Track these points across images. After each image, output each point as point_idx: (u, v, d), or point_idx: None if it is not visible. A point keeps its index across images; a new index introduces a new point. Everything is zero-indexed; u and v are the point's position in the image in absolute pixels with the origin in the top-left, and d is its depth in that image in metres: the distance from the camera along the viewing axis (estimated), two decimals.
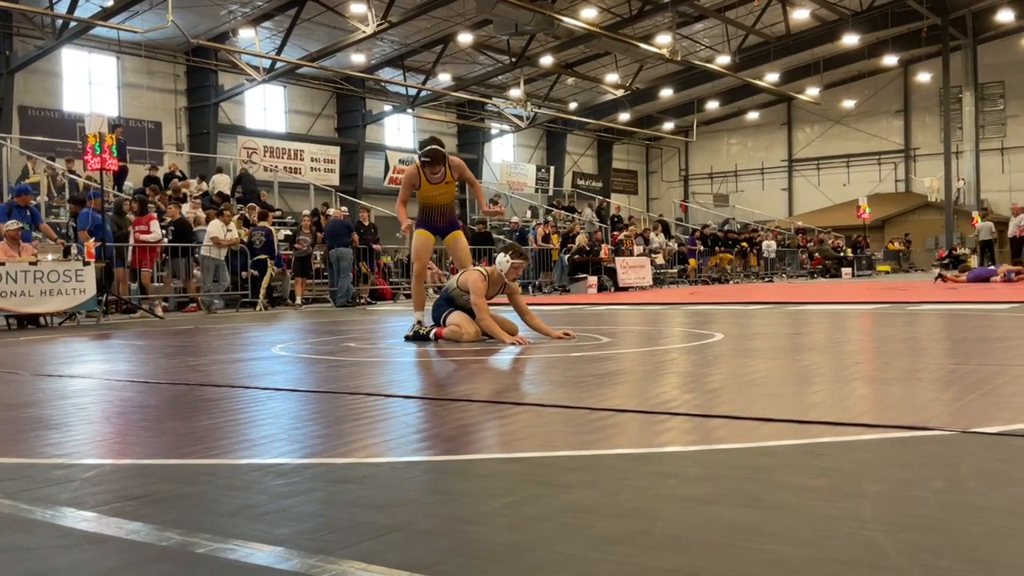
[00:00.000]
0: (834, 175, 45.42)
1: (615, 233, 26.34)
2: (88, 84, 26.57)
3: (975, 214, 34.47)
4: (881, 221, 40.85)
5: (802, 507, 2.22)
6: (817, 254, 34.17)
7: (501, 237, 25.81)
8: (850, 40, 33.84)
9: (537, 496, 2.42)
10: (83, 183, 17.68)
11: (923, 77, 41.07)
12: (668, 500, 2.36)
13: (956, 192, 39.51)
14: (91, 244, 12.80)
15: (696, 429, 3.35)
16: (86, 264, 11.94)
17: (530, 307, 7.87)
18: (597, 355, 6.21)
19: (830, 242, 35.54)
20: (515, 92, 35.40)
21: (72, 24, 23.50)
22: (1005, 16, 33.20)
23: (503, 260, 7.55)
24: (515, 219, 26.29)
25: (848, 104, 42.60)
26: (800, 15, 32.80)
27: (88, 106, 24.79)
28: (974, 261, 27.77)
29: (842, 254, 34.56)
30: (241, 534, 2.08)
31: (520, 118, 37.72)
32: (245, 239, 16.83)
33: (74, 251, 12.50)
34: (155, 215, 15.52)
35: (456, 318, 7.52)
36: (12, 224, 12.01)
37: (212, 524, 2.17)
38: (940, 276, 20.22)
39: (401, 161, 35.06)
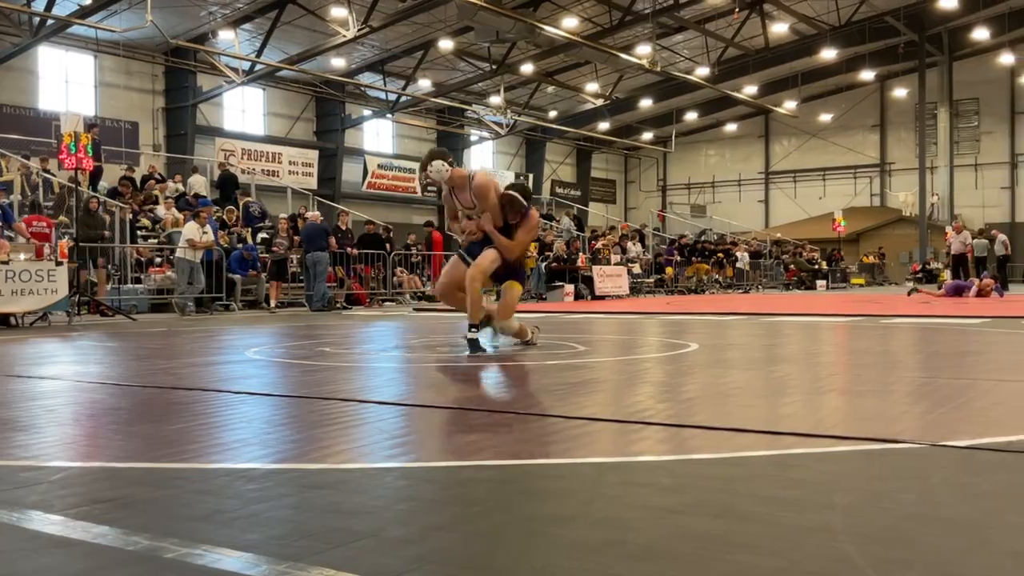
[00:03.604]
0: (810, 188, 45.78)
1: (592, 241, 26.39)
2: (65, 83, 26.35)
3: (948, 229, 34.82)
4: (856, 234, 41.22)
5: (773, 518, 2.23)
6: (792, 266, 34.39)
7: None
8: (828, 55, 34.18)
9: (509, 504, 2.42)
10: (58, 183, 17.52)
11: (899, 92, 41.51)
12: (641, 510, 2.36)
13: (930, 207, 39.93)
14: (64, 244, 12.69)
15: (670, 439, 3.36)
16: (59, 264, 11.82)
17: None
18: (572, 363, 6.21)
19: (805, 254, 35.80)
20: (495, 99, 35.45)
21: (49, 22, 23.30)
22: (980, 34, 33.64)
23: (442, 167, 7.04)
24: None
25: (825, 118, 42.98)
26: (779, 29, 33.08)
27: (64, 105, 24.58)
28: (947, 276, 28.00)
29: (817, 266, 34.81)
30: (210, 539, 2.06)
31: (500, 125, 37.76)
32: (223, 243, 16.73)
33: (47, 251, 12.37)
34: (42, 216, 14.90)
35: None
36: None
37: (181, 529, 2.15)
38: (914, 289, 20.39)
39: (380, 166, 35.02)
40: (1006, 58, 36.30)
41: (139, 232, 17.45)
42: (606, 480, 2.72)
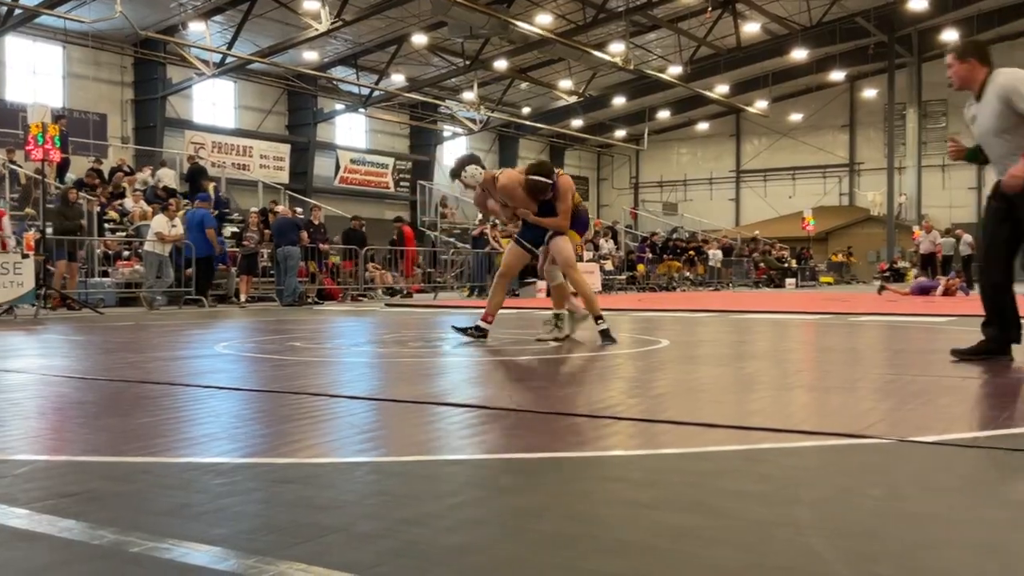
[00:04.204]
0: (780, 187, 46.11)
1: None
2: (32, 73, 25.97)
3: (916, 228, 35.26)
4: (825, 233, 41.57)
5: (742, 512, 2.24)
6: (762, 264, 34.67)
7: (451, 240, 25.77)
8: (799, 55, 34.41)
9: (481, 498, 2.42)
10: (24, 174, 17.29)
11: (869, 93, 41.89)
12: (612, 504, 2.37)
13: (898, 207, 40.35)
14: (30, 236, 12.52)
15: (641, 434, 3.37)
16: (25, 257, 11.66)
17: (475, 310, 7.78)
18: (544, 359, 6.22)
19: (775, 253, 36.10)
20: (468, 95, 35.36)
21: (17, 11, 22.95)
22: (949, 35, 33.98)
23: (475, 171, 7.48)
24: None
25: (795, 117, 43.30)
26: (751, 28, 33.26)
27: (32, 96, 24.20)
28: (914, 274, 28.33)
29: (786, 265, 35.09)
30: (177, 533, 2.04)
31: (473, 121, 37.69)
32: None
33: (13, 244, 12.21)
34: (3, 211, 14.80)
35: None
36: None
37: (147, 523, 2.13)
38: (882, 288, 20.62)
39: (352, 161, 34.83)
40: None
41: (107, 225, 17.25)
42: (578, 475, 2.73)
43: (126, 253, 16.58)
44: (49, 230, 13.82)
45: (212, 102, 30.83)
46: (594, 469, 2.81)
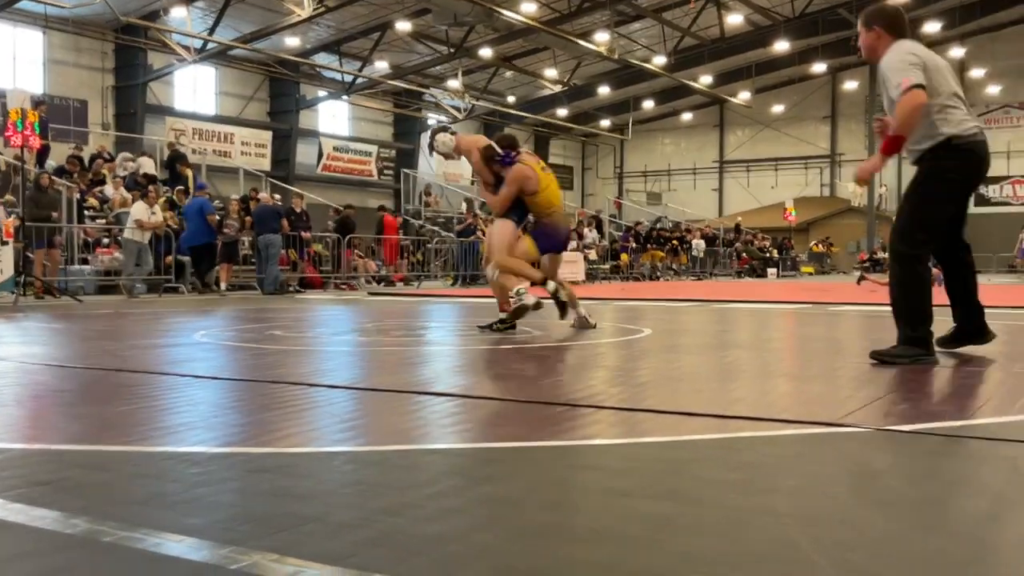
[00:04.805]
0: (763, 177, 46.28)
1: None
2: (12, 59, 25.68)
3: None
4: (806, 224, 41.77)
5: (719, 501, 2.24)
6: (744, 254, 34.81)
7: (436, 228, 25.71)
8: (781, 46, 34.48)
9: (458, 488, 2.41)
10: (3, 161, 17.11)
11: (850, 84, 42.05)
12: (590, 493, 2.37)
13: (878, 198, 40.60)
14: (10, 223, 12.40)
15: (622, 423, 3.37)
16: (4, 244, 11.55)
17: (459, 299, 7.77)
18: (526, 348, 6.21)
19: (757, 243, 36.25)
20: (453, 83, 35.23)
21: None
22: (931, 27, 34.15)
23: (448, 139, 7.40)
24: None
25: (778, 109, 43.44)
26: (734, 19, 33.27)
27: (11, 81, 23.95)
28: None
29: (768, 255, 35.24)
30: (150, 523, 2.02)
31: (458, 109, 37.57)
32: (172, 224, 16.47)
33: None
34: None
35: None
36: None
37: (121, 512, 2.11)
38: (862, 278, 20.71)
39: (335, 148, 34.66)
40: (956, 51, 36.89)
41: (87, 212, 17.11)
42: (557, 463, 2.73)
43: (106, 240, 16.46)
44: None
45: (193, 88, 30.59)
46: (573, 458, 2.80)
